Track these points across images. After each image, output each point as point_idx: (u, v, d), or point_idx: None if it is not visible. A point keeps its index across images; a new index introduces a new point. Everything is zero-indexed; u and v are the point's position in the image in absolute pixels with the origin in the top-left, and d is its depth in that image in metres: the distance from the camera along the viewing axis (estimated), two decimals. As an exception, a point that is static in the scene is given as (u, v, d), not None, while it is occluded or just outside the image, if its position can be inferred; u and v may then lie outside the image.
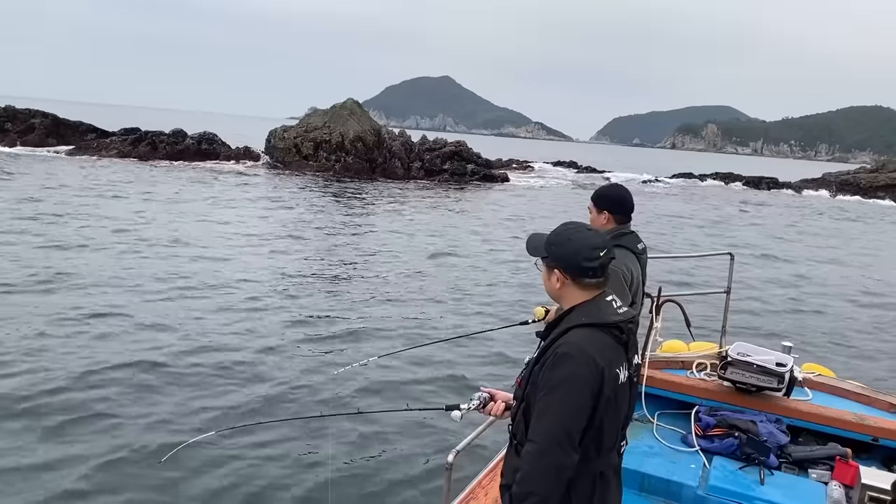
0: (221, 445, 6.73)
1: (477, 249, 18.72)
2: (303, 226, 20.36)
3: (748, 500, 3.90)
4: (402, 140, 41.32)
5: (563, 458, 2.15)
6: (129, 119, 56.99)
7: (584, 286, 2.33)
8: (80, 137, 42.96)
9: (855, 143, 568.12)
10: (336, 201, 26.58)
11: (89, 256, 14.18)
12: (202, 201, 23.77)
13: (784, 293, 15.93)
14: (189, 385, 8.25)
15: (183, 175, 31.83)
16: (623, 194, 3.90)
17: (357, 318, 11.46)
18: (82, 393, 7.73)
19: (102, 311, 10.51)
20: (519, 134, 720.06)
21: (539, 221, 24.63)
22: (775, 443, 4.34)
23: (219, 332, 10.25)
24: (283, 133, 41.62)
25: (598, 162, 54.35)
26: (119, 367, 8.48)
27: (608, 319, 2.28)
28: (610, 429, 2.29)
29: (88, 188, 25.16)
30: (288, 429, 7.13)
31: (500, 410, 2.69)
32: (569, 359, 2.19)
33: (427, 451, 6.81)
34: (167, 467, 6.01)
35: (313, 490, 6.10)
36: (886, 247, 26.54)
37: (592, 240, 2.34)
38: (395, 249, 17.70)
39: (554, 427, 2.16)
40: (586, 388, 2.17)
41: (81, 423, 7.09)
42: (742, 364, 4.62)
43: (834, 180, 55.46)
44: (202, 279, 13.00)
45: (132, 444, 6.71)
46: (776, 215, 35.99)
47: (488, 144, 59.29)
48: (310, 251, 16.80)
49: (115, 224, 18.04)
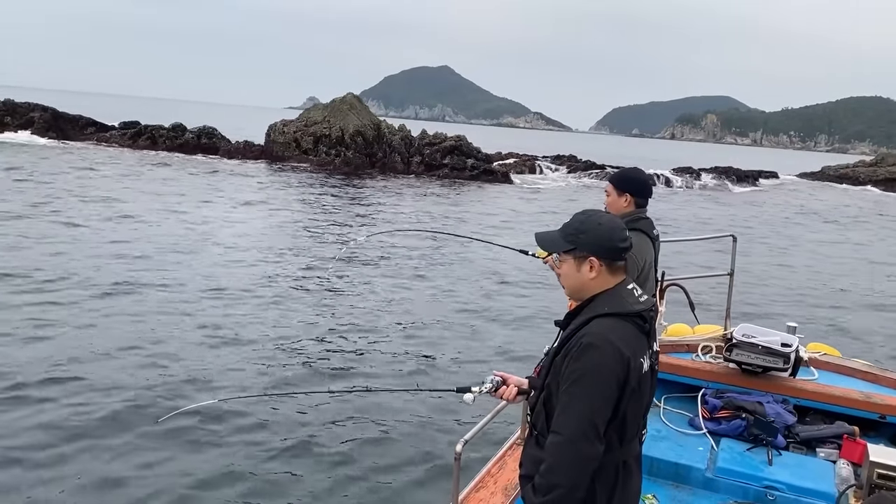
0: (225, 413, 6.80)
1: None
2: (296, 227, 20.02)
3: (757, 481, 3.91)
4: (402, 134, 41.03)
5: (589, 449, 2.14)
6: (124, 108, 56.98)
7: (615, 270, 2.31)
8: (80, 131, 42.71)
9: (854, 133, 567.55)
10: (335, 197, 26.34)
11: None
12: (198, 200, 23.10)
13: (787, 275, 16.02)
14: (193, 356, 8.42)
15: (182, 171, 31.58)
16: (645, 178, 3.97)
17: (378, 302, 11.64)
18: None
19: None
20: (518, 124, 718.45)
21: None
22: (782, 423, 4.34)
23: (233, 305, 10.60)
24: (283, 127, 41.25)
25: (598, 152, 54.26)
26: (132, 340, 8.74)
27: (631, 308, 2.26)
28: (633, 418, 2.29)
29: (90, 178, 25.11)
30: (294, 403, 7.16)
31: (513, 395, 2.66)
32: (594, 349, 2.16)
33: (435, 435, 6.81)
34: (165, 429, 6.20)
35: (314, 467, 6.08)
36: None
37: (617, 221, 2.35)
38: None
39: (580, 419, 2.14)
40: (612, 379, 2.16)
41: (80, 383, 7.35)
42: (747, 345, 4.63)
43: (833, 174, 55.86)
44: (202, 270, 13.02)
45: (133, 402, 6.90)
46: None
47: (487, 135, 59.04)
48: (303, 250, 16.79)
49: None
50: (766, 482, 3.89)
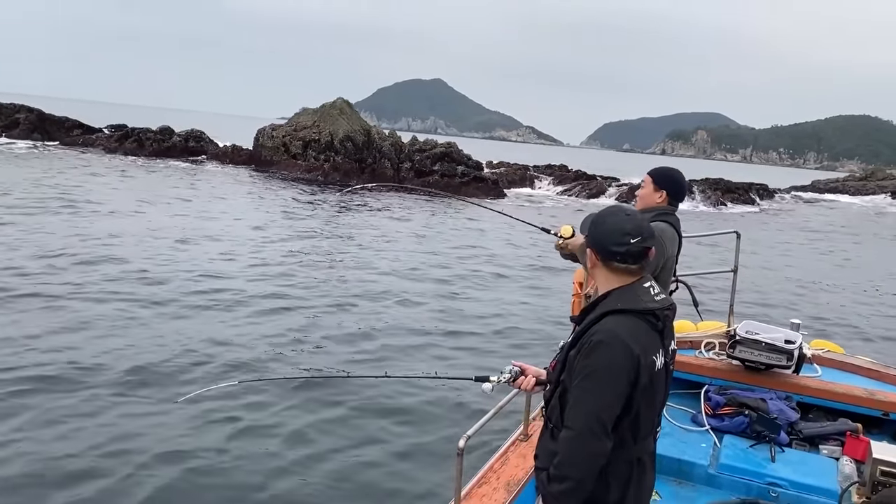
0: (242, 396, 6.91)
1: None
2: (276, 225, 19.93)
3: (760, 478, 3.89)
4: (392, 140, 40.67)
5: (596, 445, 2.19)
6: (115, 117, 56.90)
7: (613, 270, 2.32)
8: (66, 133, 42.29)
9: (843, 151, 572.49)
10: (314, 206, 25.78)
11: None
12: (179, 199, 23.02)
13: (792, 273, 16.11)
14: (215, 339, 8.65)
15: (161, 173, 31.21)
16: (684, 182, 3.98)
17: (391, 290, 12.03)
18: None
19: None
20: (510, 137, 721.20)
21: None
22: (785, 420, 4.33)
23: (250, 292, 11.13)
24: (272, 132, 40.97)
25: (591, 167, 54.45)
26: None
27: (644, 306, 2.27)
28: (647, 416, 2.32)
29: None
30: (310, 385, 7.30)
31: (531, 385, 2.68)
32: (604, 346, 2.20)
33: (440, 429, 6.78)
34: (185, 408, 6.33)
35: (325, 450, 6.10)
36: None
37: (625, 225, 2.29)
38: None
39: (588, 415, 2.20)
40: (622, 376, 2.19)
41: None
42: (750, 342, 4.62)
43: (823, 187, 56.42)
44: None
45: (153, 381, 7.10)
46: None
47: (479, 148, 59.28)
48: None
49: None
50: (769, 479, 3.87)
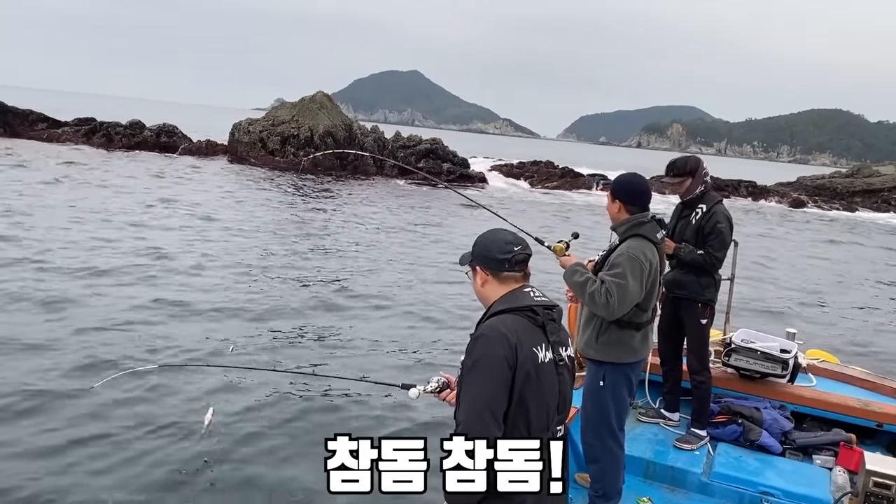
0: (162, 380, 6.70)
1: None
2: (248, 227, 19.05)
3: (752, 486, 3.91)
4: (375, 136, 39.63)
5: (483, 433, 2.19)
6: (84, 108, 54.18)
7: (503, 279, 2.45)
8: (30, 127, 39.82)
9: (815, 145, 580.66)
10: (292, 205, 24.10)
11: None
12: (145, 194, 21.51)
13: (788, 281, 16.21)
14: (142, 321, 8.51)
15: (130, 166, 29.67)
16: (638, 184, 3.87)
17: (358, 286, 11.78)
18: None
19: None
20: (488, 130, 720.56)
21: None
22: (779, 429, 4.36)
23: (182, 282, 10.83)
24: (248, 126, 39.39)
25: (568, 159, 53.98)
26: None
27: (522, 303, 2.39)
28: (537, 408, 2.32)
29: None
30: (235, 375, 7.04)
31: (454, 399, 2.66)
32: (483, 338, 2.29)
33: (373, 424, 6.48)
34: (100, 393, 6.00)
35: (240, 441, 5.82)
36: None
37: (506, 236, 2.50)
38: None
39: (473, 405, 2.23)
40: (502, 363, 2.24)
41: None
42: (746, 351, 4.64)
43: (810, 185, 56.08)
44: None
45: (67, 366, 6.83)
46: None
47: (456, 140, 58.41)
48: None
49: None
50: (762, 488, 3.90)
